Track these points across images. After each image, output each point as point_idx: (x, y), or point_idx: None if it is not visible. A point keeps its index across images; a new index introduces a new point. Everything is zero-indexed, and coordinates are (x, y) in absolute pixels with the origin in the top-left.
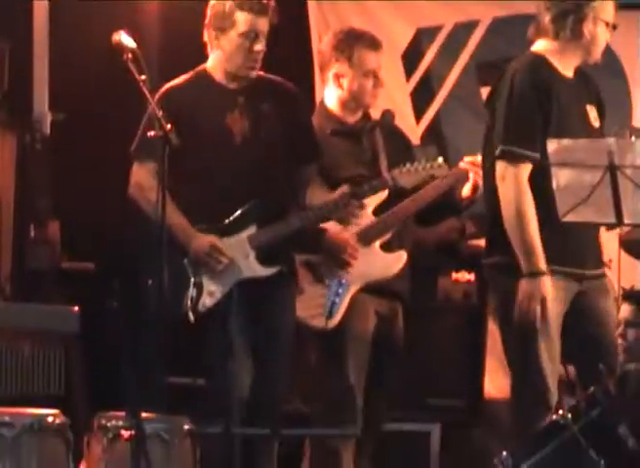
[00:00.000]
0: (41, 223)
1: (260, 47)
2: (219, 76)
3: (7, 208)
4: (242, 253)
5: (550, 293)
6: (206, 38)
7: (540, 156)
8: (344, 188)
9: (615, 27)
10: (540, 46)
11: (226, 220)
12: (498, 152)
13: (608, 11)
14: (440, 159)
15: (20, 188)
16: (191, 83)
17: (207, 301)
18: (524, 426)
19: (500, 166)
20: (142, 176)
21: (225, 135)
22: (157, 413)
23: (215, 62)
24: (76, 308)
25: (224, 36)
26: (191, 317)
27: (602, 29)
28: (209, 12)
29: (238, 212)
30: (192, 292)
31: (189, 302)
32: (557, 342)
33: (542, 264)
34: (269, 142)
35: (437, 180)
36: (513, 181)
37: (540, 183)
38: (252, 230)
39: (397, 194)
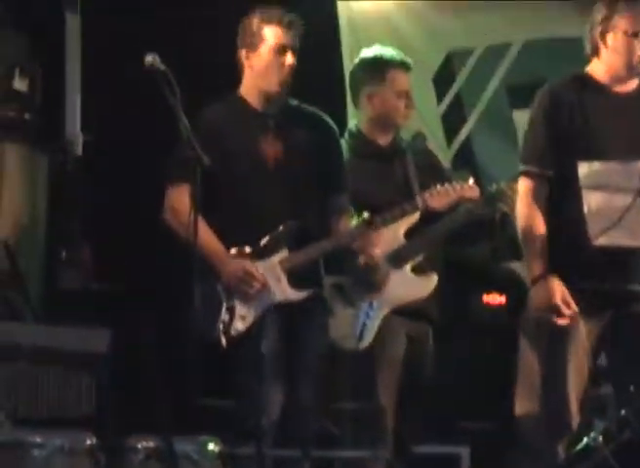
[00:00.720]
0: (72, 244)
1: (290, 60)
2: (252, 99)
3: (39, 229)
4: (274, 277)
5: (575, 309)
6: (239, 60)
7: (554, 173)
8: (365, 216)
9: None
10: (589, 65)
11: (258, 243)
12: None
13: (629, 21)
14: (471, 181)
15: (52, 209)
16: (225, 107)
17: (239, 326)
18: (545, 448)
19: (519, 183)
20: (176, 200)
21: (259, 159)
22: (188, 435)
23: (248, 84)
24: (107, 329)
25: (255, 54)
26: (224, 341)
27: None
28: (239, 32)
29: (270, 235)
30: (224, 316)
31: (222, 326)
32: (585, 362)
33: (544, 270)
34: (302, 168)
35: (468, 205)
36: (524, 197)
37: (572, 201)
38: (283, 254)
39: (428, 216)
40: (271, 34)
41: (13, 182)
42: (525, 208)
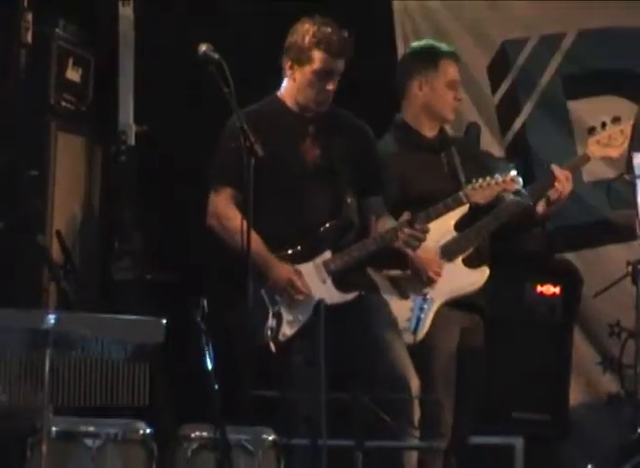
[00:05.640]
0: (126, 235)
1: (331, 87)
2: (291, 104)
3: (92, 219)
4: (319, 279)
5: None
6: (282, 63)
7: None
8: (405, 215)
9: None
10: None
11: (301, 246)
12: None
13: None
14: (513, 172)
15: (106, 199)
16: (264, 109)
17: (287, 331)
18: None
19: None
20: (220, 205)
21: (298, 162)
22: (242, 425)
23: (287, 91)
24: (163, 319)
25: (299, 69)
26: (273, 347)
27: None
28: (288, 38)
29: (313, 236)
30: (272, 322)
31: (269, 332)
32: None
33: None
34: (339, 171)
35: (519, 198)
36: None
37: None
38: (327, 255)
39: (479, 208)
40: (320, 58)
41: (67, 173)
42: None
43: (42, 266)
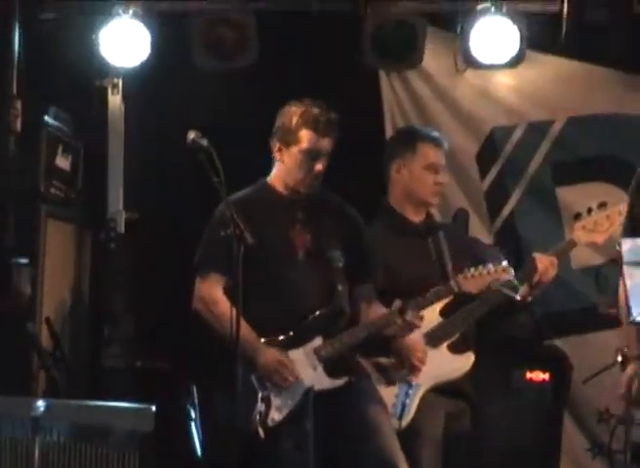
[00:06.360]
0: (116, 321)
1: (320, 167)
2: (280, 189)
3: (82, 305)
4: (310, 365)
5: None
6: (271, 147)
7: None
8: (397, 302)
9: None
10: None
11: (292, 332)
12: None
13: None
14: (504, 263)
15: (95, 286)
16: (254, 196)
17: (275, 416)
18: None
19: None
20: (205, 289)
21: (288, 248)
22: None
23: (276, 175)
24: (152, 407)
25: (287, 150)
26: (261, 433)
27: None
28: (276, 122)
29: (303, 323)
30: (260, 406)
31: (258, 417)
32: None
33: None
34: (329, 256)
35: (508, 290)
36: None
37: None
38: (317, 342)
39: (464, 294)
40: (307, 138)
41: (56, 259)
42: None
43: (32, 354)
